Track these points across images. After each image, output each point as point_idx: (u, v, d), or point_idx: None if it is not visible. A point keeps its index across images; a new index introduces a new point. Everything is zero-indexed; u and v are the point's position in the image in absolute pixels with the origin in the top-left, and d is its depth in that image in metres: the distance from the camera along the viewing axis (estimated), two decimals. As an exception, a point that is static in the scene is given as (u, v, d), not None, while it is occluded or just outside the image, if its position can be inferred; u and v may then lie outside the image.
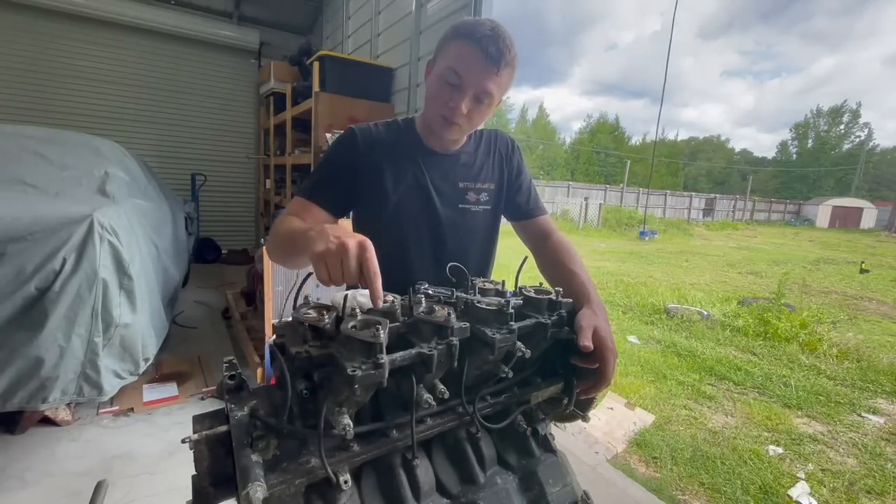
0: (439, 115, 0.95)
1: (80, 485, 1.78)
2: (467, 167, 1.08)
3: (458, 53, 0.90)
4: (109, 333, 1.93)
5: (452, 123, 0.95)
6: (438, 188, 1.04)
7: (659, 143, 31.96)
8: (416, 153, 1.04)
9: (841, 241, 17.73)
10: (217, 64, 5.86)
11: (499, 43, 0.87)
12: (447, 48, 0.93)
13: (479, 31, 0.88)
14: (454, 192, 1.05)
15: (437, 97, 0.94)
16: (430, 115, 0.99)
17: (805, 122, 43.92)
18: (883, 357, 4.06)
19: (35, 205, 1.93)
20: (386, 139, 1.04)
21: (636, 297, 5.85)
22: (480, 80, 0.89)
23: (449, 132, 0.98)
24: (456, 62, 0.90)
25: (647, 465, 2.31)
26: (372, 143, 1.02)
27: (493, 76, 0.89)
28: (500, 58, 0.88)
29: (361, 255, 0.60)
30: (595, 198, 18.56)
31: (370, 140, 1.02)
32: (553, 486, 0.70)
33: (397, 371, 0.58)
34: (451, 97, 0.92)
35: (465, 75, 0.89)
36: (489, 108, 0.96)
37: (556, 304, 0.75)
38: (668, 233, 16.43)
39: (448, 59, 0.91)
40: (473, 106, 0.93)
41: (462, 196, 1.06)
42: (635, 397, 3.02)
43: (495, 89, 0.91)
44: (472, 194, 1.07)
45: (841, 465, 2.43)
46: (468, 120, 0.95)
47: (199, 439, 0.52)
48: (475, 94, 0.91)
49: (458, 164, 1.07)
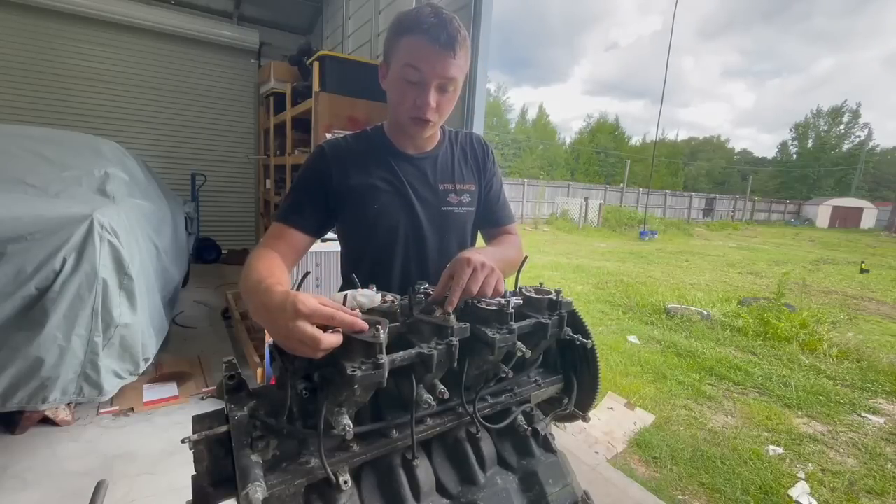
0: (409, 117, 0.94)
1: (80, 485, 1.78)
2: (444, 169, 1.07)
3: (410, 49, 0.88)
4: (109, 333, 1.93)
5: (425, 121, 0.93)
6: (418, 192, 1.02)
7: (659, 143, 31.98)
8: (389, 158, 1.03)
9: (841, 241, 17.73)
10: (217, 64, 5.86)
11: (448, 27, 0.86)
12: (397, 47, 0.91)
13: (423, 21, 0.86)
14: (434, 195, 1.04)
15: (402, 99, 0.93)
16: (400, 118, 0.97)
17: (805, 122, 43.94)
18: (883, 357, 4.06)
19: (35, 205, 1.93)
20: (357, 149, 1.02)
21: (636, 297, 5.85)
22: (440, 70, 0.88)
23: (423, 130, 0.97)
24: (411, 58, 0.88)
25: (647, 465, 2.31)
26: (342, 156, 1.00)
27: (450, 61, 0.88)
28: (452, 42, 0.87)
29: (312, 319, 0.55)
30: (595, 198, 18.56)
31: (340, 153, 1.01)
32: (553, 486, 0.70)
33: (397, 371, 0.58)
34: (416, 95, 0.91)
35: (424, 69, 0.88)
36: (455, 94, 0.95)
37: (556, 304, 0.75)
38: (668, 233, 16.43)
39: (402, 58, 0.90)
40: (440, 97, 0.92)
41: (444, 198, 1.04)
42: (635, 397, 3.02)
43: (457, 73, 0.90)
44: (454, 196, 1.06)
45: (841, 465, 2.43)
46: (438, 112, 0.94)
47: (198, 439, 0.52)
48: (438, 84, 0.90)
49: (435, 165, 1.06)
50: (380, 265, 1.03)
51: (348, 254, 1.10)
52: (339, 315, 0.55)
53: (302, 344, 0.54)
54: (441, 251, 1.05)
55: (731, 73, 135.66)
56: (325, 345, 0.53)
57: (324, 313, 0.55)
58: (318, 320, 0.55)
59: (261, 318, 0.63)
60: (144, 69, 5.45)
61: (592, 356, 0.81)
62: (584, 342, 0.77)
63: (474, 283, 0.70)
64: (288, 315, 0.55)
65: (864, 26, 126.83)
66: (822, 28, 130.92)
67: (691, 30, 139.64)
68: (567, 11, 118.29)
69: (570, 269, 8.23)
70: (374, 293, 0.66)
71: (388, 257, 1.03)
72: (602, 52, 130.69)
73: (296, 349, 0.55)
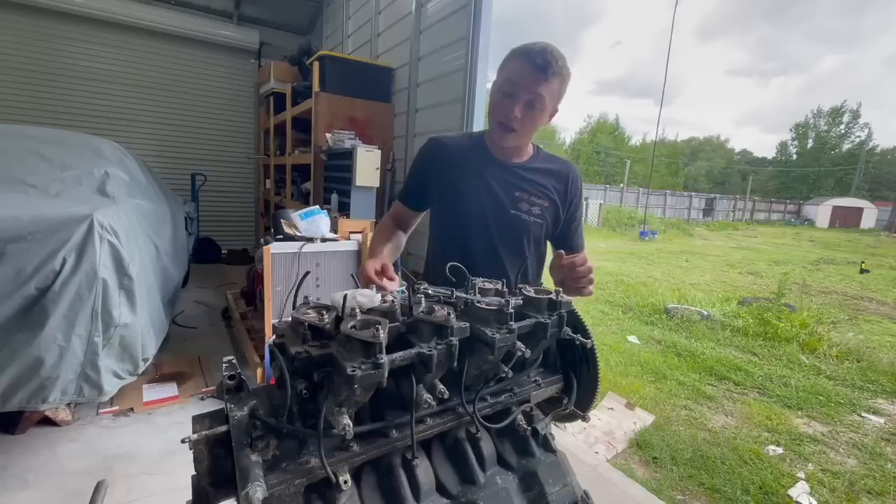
0: (497, 122, 1.10)
1: (80, 485, 1.78)
2: (526, 180, 1.19)
3: (511, 68, 1.06)
4: (109, 333, 1.93)
5: (509, 129, 1.08)
6: (495, 193, 1.16)
7: (659, 143, 31.99)
8: (481, 161, 1.18)
9: (841, 241, 17.73)
10: (217, 64, 5.86)
11: (546, 55, 1.01)
12: (505, 67, 1.08)
13: (530, 48, 1.03)
14: (509, 199, 1.17)
15: (495, 108, 1.10)
16: (491, 123, 1.14)
17: (805, 122, 43.92)
18: (883, 357, 4.06)
19: (35, 205, 1.93)
20: (457, 148, 1.22)
21: (636, 297, 5.85)
22: (531, 86, 1.03)
23: (506, 139, 1.12)
24: (510, 74, 1.06)
25: (646, 466, 2.31)
26: (444, 152, 1.21)
27: (542, 82, 1.02)
28: (547, 66, 1.01)
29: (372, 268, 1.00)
30: (595, 198, 18.56)
31: (442, 149, 1.22)
32: (553, 486, 0.70)
33: (397, 371, 0.58)
34: (506, 105, 1.06)
35: (518, 83, 1.04)
36: (542, 114, 1.08)
37: (556, 304, 0.75)
38: (668, 233, 16.43)
39: (505, 73, 1.07)
40: (526, 111, 1.06)
41: (515, 203, 1.17)
42: (635, 397, 3.02)
43: (546, 93, 1.04)
44: (525, 204, 1.18)
45: (841, 465, 2.43)
46: (522, 125, 1.08)
47: (198, 439, 0.52)
48: (528, 100, 1.04)
49: (517, 174, 1.19)
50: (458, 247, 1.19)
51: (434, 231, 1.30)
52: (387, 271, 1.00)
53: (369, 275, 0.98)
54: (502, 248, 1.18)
55: (734, 72, 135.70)
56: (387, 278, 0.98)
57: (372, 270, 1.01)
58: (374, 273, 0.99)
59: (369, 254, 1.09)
60: (144, 69, 5.45)
61: (592, 356, 0.81)
62: (584, 342, 0.76)
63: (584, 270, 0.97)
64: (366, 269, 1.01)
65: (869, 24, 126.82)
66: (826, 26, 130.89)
67: (694, 29, 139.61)
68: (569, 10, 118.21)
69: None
70: (374, 293, 0.67)
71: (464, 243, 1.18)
72: (605, 51, 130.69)
73: None
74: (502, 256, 1.18)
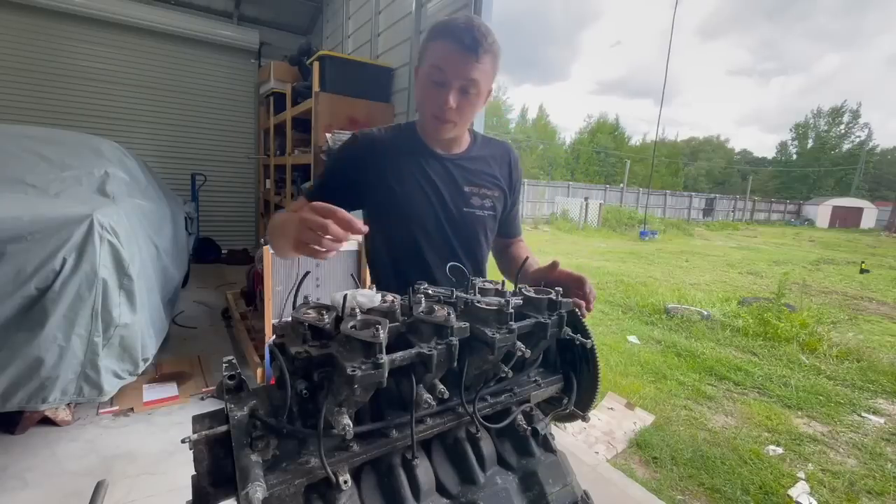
0: (431, 115, 0.98)
1: (80, 485, 1.78)
2: (471, 171, 1.10)
3: (437, 52, 0.93)
4: (109, 333, 1.93)
5: (445, 121, 0.97)
6: (445, 191, 1.06)
7: (659, 143, 31.98)
8: (419, 155, 1.06)
9: (841, 241, 17.73)
10: (217, 64, 5.86)
11: (473, 32, 0.89)
12: (428, 51, 0.96)
13: (453, 26, 0.91)
14: (459, 196, 1.07)
15: (426, 99, 0.97)
16: (424, 116, 1.02)
17: (805, 122, 43.94)
18: (883, 357, 4.06)
19: (35, 205, 1.93)
20: (389, 142, 1.06)
21: (636, 297, 5.85)
22: (462, 71, 0.91)
23: (443, 131, 1.01)
24: (437, 60, 0.93)
25: (646, 466, 2.31)
26: (375, 147, 1.05)
27: (473, 64, 0.91)
28: (476, 46, 0.90)
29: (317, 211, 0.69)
30: (595, 198, 18.56)
31: (373, 144, 1.05)
32: (553, 486, 0.70)
33: (397, 371, 0.58)
34: (438, 95, 0.94)
35: (448, 69, 0.92)
36: (478, 99, 0.97)
37: (556, 304, 0.75)
38: (668, 233, 16.43)
39: (430, 59, 0.94)
40: (461, 99, 0.95)
41: (467, 200, 1.08)
42: (635, 397, 3.02)
43: (479, 76, 0.93)
44: (477, 199, 1.09)
45: (841, 465, 2.43)
46: (459, 115, 0.97)
47: (198, 439, 0.52)
48: (460, 86, 0.93)
49: (462, 167, 1.09)
50: (401, 255, 1.07)
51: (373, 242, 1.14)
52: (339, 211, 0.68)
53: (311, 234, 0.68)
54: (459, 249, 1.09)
55: (735, 71, 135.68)
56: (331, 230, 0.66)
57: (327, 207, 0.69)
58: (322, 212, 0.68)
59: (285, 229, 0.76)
60: (144, 69, 5.44)
61: (592, 356, 0.81)
62: (584, 342, 0.77)
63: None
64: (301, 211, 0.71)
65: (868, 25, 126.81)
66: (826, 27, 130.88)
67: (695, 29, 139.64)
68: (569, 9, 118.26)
69: (570, 269, 8.22)
70: (374, 293, 0.67)
71: (408, 249, 1.06)
72: (605, 50, 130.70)
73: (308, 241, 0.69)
74: (460, 256, 1.09)
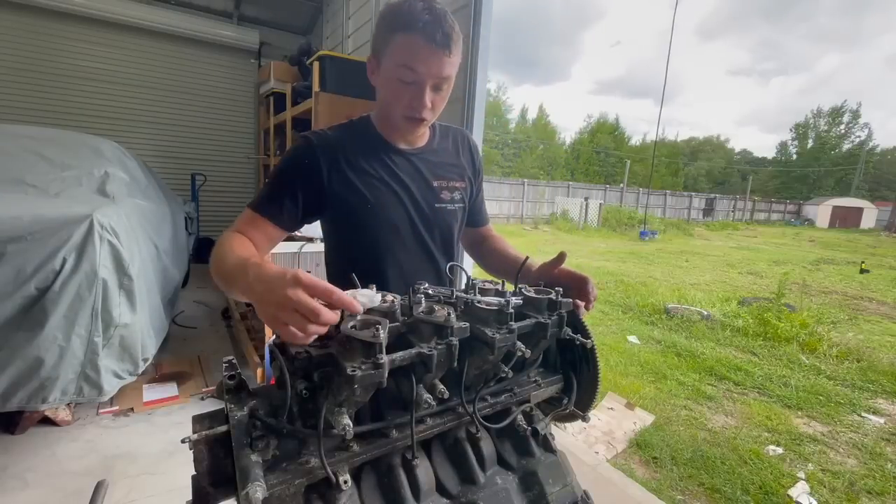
0: (404, 116, 0.92)
1: (80, 485, 1.78)
2: (438, 165, 1.06)
3: (405, 49, 0.85)
4: (109, 333, 1.93)
5: (420, 120, 0.92)
6: (413, 188, 1.00)
7: (659, 143, 31.98)
8: (382, 152, 1.00)
9: (841, 241, 17.72)
10: (217, 64, 5.86)
11: (443, 25, 0.84)
12: (390, 45, 0.87)
13: (417, 18, 0.83)
14: (429, 192, 1.03)
15: (396, 98, 0.91)
16: (393, 117, 0.95)
17: (805, 122, 43.96)
18: (883, 357, 4.06)
19: (35, 205, 1.93)
20: (346, 142, 0.98)
21: (636, 297, 5.85)
22: (436, 70, 0.86)
23: (418, 129, 0.98)
24: (406, 58, 0.85)
25: (646, 466, 2.31)
26: (332, 148, 0.95)
27: (446, 60, 0.86)
28: (448, 41, 0.85)
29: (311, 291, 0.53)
30: (595, 198, 18.55)
31: (330, 145, 0.96)
32: (553, 486, 0.70)
33: (397, 371, 0.58)
34: (412, 96, 0.89)
35: (420, 69, 0.86)
36: (448, 91, 0.94)
37: (556, 304, 0.75)
38: (668, 233, 16.43)
39: (397, 56, 0.87)
40: (435, 95, 0.91)
41: (437, 195, 1.04)
42: (635, 397, 3.02)
43: (452, 71, 0.89)
44: (446, 193, 1.05)
45: (841, 465, 2.43)
46: (433, 111, 0.93)
47: (198, 439, 0.52)
48: (434, 84, 0.89)
49: (429, 161, 1.04)
50: (371, 262, 0.99)
51: (337, 251, 1.05)
52: (338, 292, 0.55)
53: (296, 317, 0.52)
54: (434, 247, 1.04)
55: (735, 71, 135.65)
56: (324, 318, 0.52)
57: (324, 286, 0.54)
58: (318, 294, 0.54)
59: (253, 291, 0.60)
60: (144, 69, 5.44)
61: (592, 356, 0.81)
62: (584, 342, 0.77)
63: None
64: (287, 283, 0.53)
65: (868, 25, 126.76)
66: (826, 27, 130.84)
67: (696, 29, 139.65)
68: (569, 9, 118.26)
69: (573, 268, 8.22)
70: (374, 293, 0.66)
71: (380, 254, 0.99)
72: (605, 50, 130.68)
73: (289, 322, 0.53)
74: (436, 255, 1.05)
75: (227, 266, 0.72)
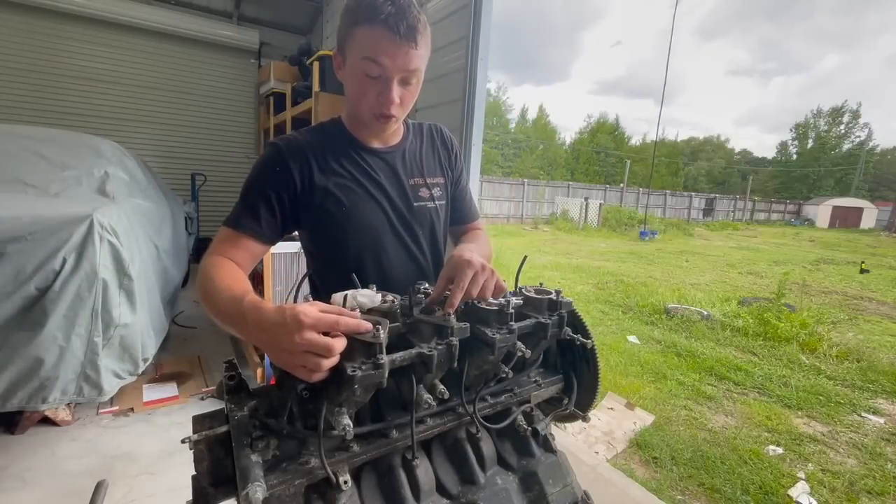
0: (371, 113, 0.89)
1: (80, 485, 1.78)
2: (413, 163, 1.03)
3: (368, 42, 0.81)
4: (109, 333, 1.93)
5: (389, 118, 0.89)
6: (388, 188, 0.98)
7: (659, 143, 31.95)
8: (354, 154, 0.97)
9: (841, 241, 17.72)
10: (217, 64, 5.86)
11: (407, 17, 0.80)
12: (353, 38, 0.84)
13: (380, 10, 0.79)
14: (406, 191, 1.00)
15: (362, 94, 0.87)
16: (361, 114, 0.91)
17: (805, 122, 43.95)
18: (883, 357, 4.06)
19: (35, 205, 1.93)
20: (317, 145, 0.94)
21: (636, 297, 5.85)
22: (402, 63, 0.82)
23: (387, 126, 0.93)
24: (370, 51, 0.81)
25: (646, 466, 2.31)
26: (303, 154, 0.92)
27: (412, 53, 0.82)
28: (413, 33, 0.81)
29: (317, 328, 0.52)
30: (595, 198, 18.55)
31: (299, 150, 0.92)
32: (553, 486, 0.70)
33: (397, 371, 0.58)
34: (379, 91, 0.85)
35: (386, 63, 0.82)
36: (418, 85, 0.90)
37: (556, 304, 0.75)
38: (668, 233, 16.43)
39: (360, 50, 0.83)
40: (403, 90, 0.87)
41: (415, 193, 1.01)
42: (635, 397, 3.02)
43: (420, 64, 0.86)
44: (425, 190, 1.02)
45: (841, 465, 2.43)
46: (402, 108, 0.90)
47: (199, 439, 0.52)
48: (401, 78, 0.85)
49: (404, 159, 1.02)
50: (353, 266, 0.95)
51: (317, 260, 1.02)
52: (342, 320, 0.54)
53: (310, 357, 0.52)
54: (415, 247, 1.02)
55: (735, 71, 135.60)
56: (336, 351, 0.52)
57: (328, 321, 0.53)
58: (323, 328, 0.53)
59: (257, 339, 0.59)
60: (144, 69, 5.44)
61: (592, 356, 0.81)
62: (584, 342, 0.77)
63: (475, 287, 0.69)
64: (291, 328, 0.52)
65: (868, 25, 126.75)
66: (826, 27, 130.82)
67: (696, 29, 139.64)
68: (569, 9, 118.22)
69: (570, 269, 8.23)
70: (375, 293, 0.66)
71: (361, 257, 0.96)
72: (605, 50, 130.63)
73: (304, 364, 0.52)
74: (417, 255, 1.02)
75: (220, 305, 0.69)
